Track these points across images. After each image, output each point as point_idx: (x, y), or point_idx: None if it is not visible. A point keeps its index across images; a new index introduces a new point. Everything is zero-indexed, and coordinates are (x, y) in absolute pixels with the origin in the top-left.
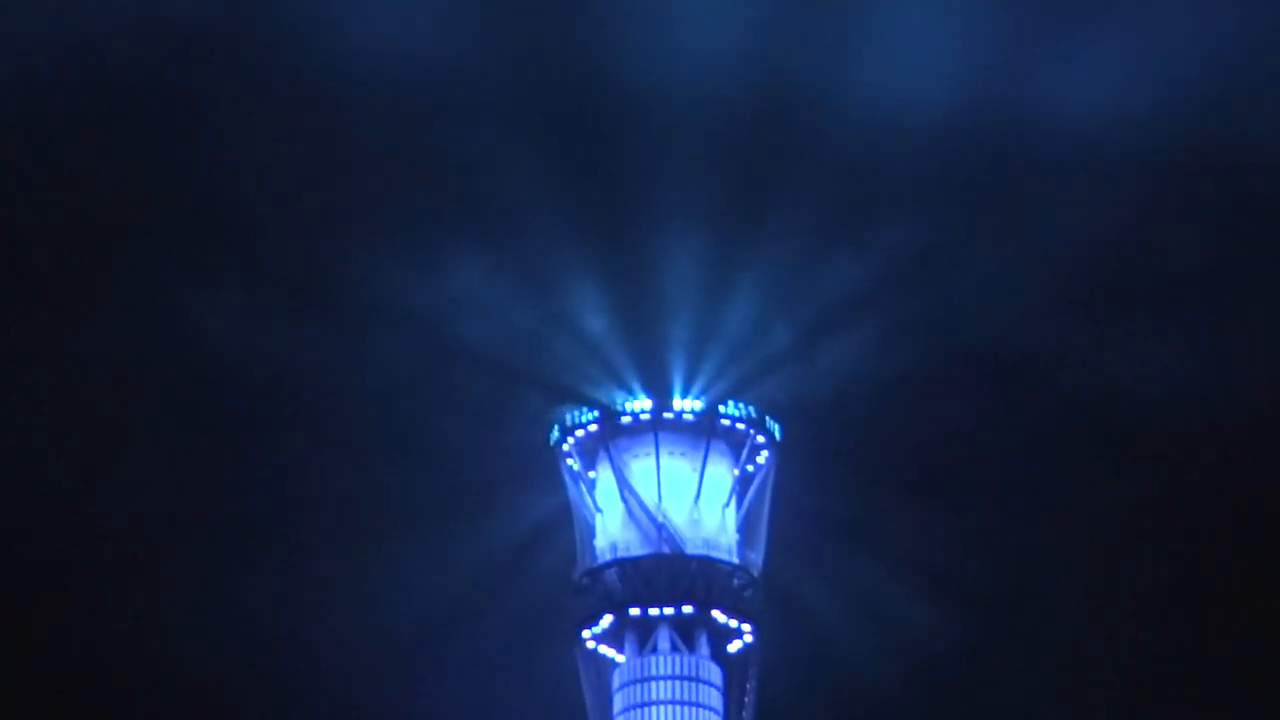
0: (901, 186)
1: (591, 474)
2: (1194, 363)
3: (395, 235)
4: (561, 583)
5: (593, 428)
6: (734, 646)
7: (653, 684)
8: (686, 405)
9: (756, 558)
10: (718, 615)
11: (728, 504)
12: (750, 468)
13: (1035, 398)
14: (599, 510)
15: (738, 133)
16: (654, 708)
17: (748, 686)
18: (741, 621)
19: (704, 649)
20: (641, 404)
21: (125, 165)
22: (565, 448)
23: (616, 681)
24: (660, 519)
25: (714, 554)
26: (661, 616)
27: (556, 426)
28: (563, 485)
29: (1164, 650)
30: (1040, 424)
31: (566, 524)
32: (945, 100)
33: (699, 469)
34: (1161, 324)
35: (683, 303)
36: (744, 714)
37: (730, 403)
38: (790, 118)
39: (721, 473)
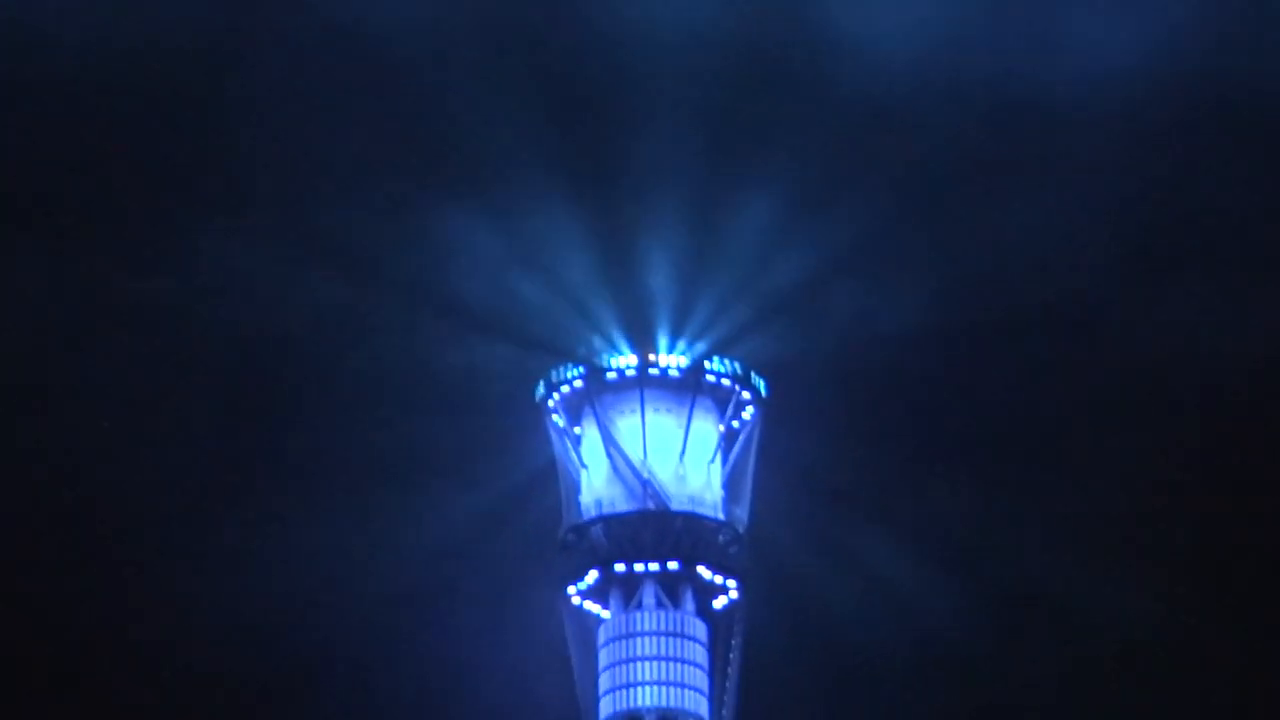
0: (896, 137)
1: (577, 430)
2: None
3: (381, 190)
4: (546, 539)
5: (578, 384)
6: (719, 603)
7: (638, 640)
8: (672, 362)
9: (742, 514)
10: (703, 571)
11: (713, 460)
12: (736, 424)
13: (1035, 354)
14: (584, 466)
15: (726, 85)
16: (639, 663)
17: (733, 643)
18: (727, 578)
19: (689, 605)
20: (627, 360)
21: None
22: (550, 404)
23: (602, 637)
24: (645, 475)
25: (699, 510)
26: (646, 573)
27: (542, 383)
28: (548, 442)
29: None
30: (1040, 381)
31: (551, 480)
32: (945, 47)
33: (684, 425)
34: (1171, 279)
35: (668, 258)
36: (729, 670)
37: (716, 359)
38: (780, 69)
39: (707, 429)
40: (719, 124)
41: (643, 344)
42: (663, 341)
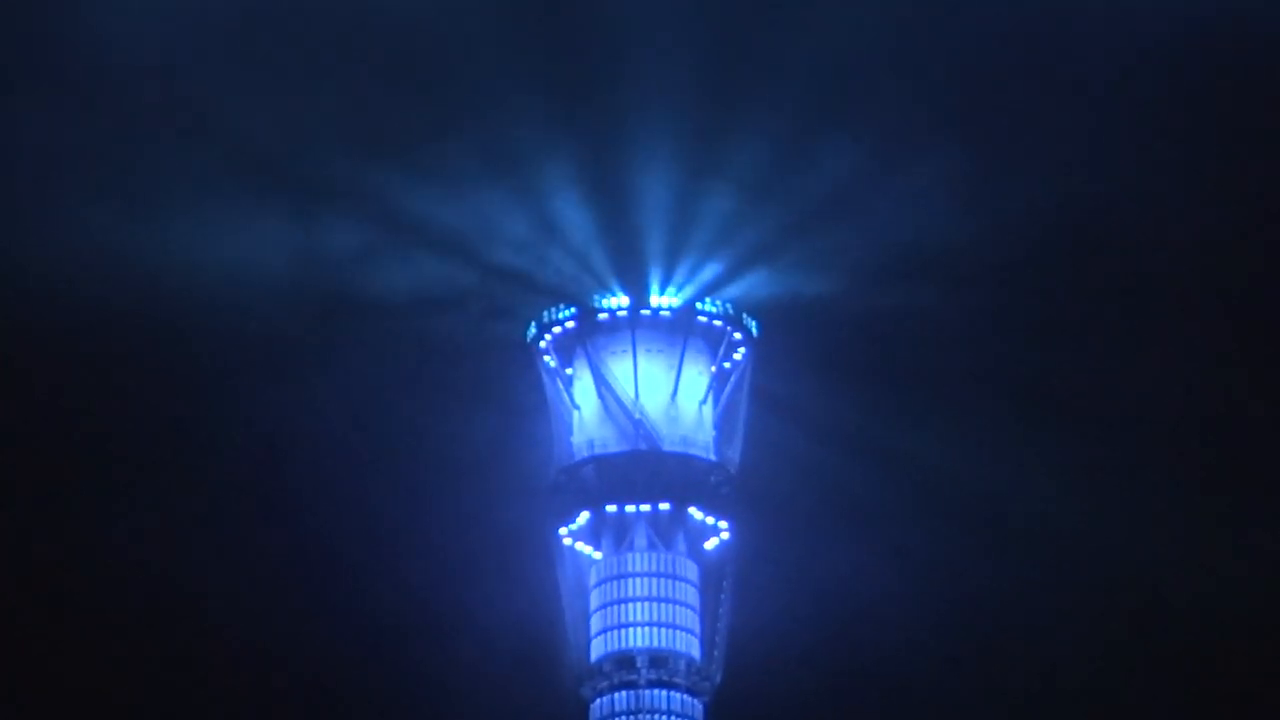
0: (884, 78)
1: (569, 371)
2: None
3: (373, 134)
4: (538, 480)
5: (570, 325)
6: (711, 544)
7: (629, 581)
8: (664, 302)
9: (734, 455)
10: (694, 512)
11: (705, 401)
12: (727, 365)
13: (1020, 291)
14: (576, 407)
15: (715, 26)
16: (631, 604)
17: (724, 584)
18: (718, 519)
19: (681, 546)
20: (619, 301)
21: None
22: (542, 345)
23: (593, 578)
24: (637, 416)
25: (691, 451)
26: (638, 514)
27: (533, 324)
28: (540, 382)
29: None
30: (1032, 319)
31: (543, 421)
32: None
33: (676, 366)
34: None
35: (660, 199)
36: (720, 611)
37: (707, 299)
38: (769, 14)
39: (699, 370)
40: (712, 65)
41: (635, 285)
42: (655, 282)
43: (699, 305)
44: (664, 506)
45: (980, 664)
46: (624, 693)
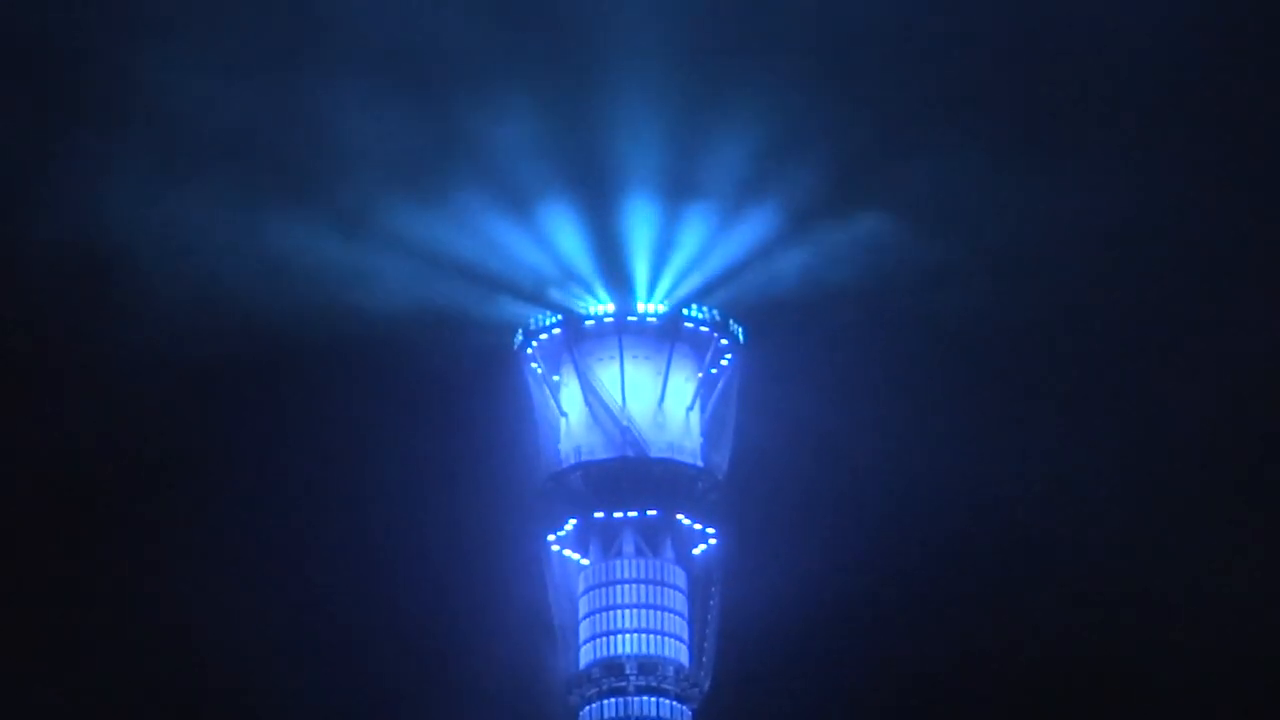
0: (869, 81)
1: (555, 378)
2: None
3: (359, 147)
4: (526, 487)
5: (556, 332)
6: (699, 550)
7: (618, 588)
8: (650, 309)
9: (721, 461)
10: (682, 519)
11: (691, 407)
12: (714, 371)
13: (1016, 291)
14: (563, 414)
15: (702, 31)
16: (619, 611)
17: (712, 590)
18: (706, 525)
19: (669, 552)
20: (605, 308)
21: None
22: (529, 352)
23: (582, 585)
24: (624, 423)
25: (678, 457)
26: (626, 520)
27: (520, 331)
28: (527, 389)
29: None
30: (1013, 320)
31: (531, 428)
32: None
33: (663, 372)
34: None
35: (646, 205)
36: (708, 617)
37: (693, 306)
38: (753, 26)
39: (685, 376)
40: (696, 70)
41: (621, 291)
42: (641, 289)
43: (685, 311)
44: (651, 513)
45: (969, 669)
46: (613, 699)
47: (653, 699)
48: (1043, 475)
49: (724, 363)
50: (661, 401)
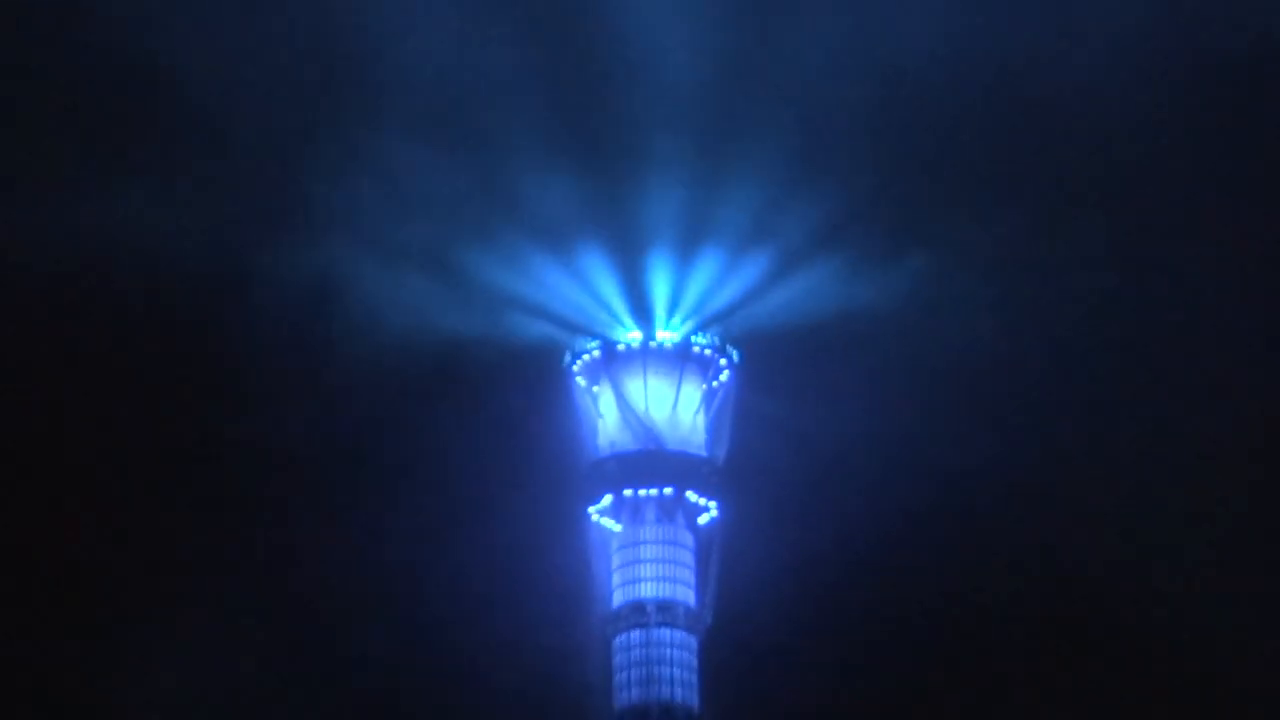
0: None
1: (595, 389)
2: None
3: (422, 196)
4: (572, 472)
5: (596, 354)
6: (703, 519)
7: (641, 547)
8: (667, 336)
9: (721, 452)
10: (691, 496)
11: (698, 412)
12: (715, 384)
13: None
14: (600, 417)
15: (708, 87)
16: (642, 565)
17: (713, 549)
18: (709, 500)
19: (680, 521)
20: (633, 335)
21: None
22: (575, 369)
23: (614, 545)
24: (647, 424)
25: (688, 449)
26: (648, 497)
27: (568, 353)
28: (572, 399)
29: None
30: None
31: (575, 427)
32: (919, 36)
33: (676, 385)
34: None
35: (666, 253)
36: (710, 570)
37: (701, 334)
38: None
39: (694, 388)
40: (706, 131)
41: (645, 321)
42: (660, 319)
43: (694, 339)
44: (668, 491)
45: (945, 615)
46: (638, 631)
47: (668, 631)
48: (1036, 469)
49: (723, 378)
50: (675, 407)
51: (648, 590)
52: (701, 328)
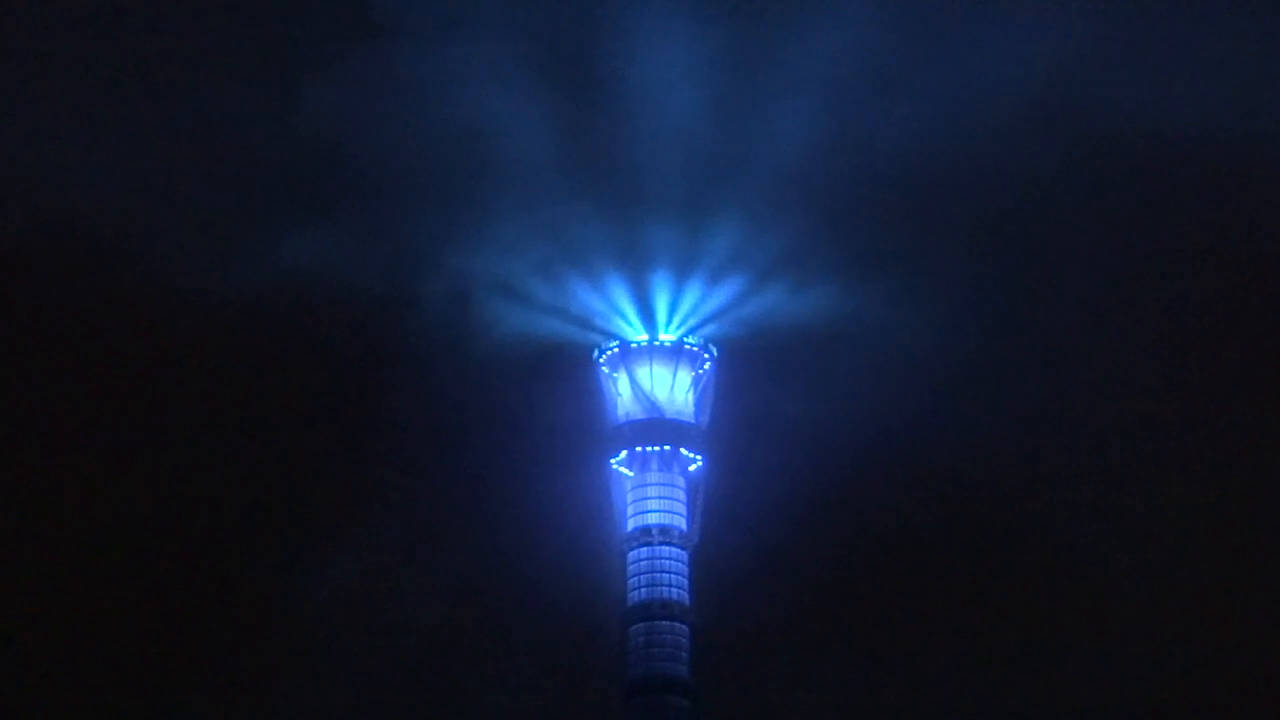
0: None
1: (615, 375)
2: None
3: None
4: (599, 434)
5: (615, 350)
6: (693, 468)
7: (648, 488)
8: (666, 337)
9: (704, 419)
10: (684, 451)
11: (689, 391)
12: (701, 372)
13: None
14: (619, 395)
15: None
16: (649, 500)
17: (699, 489)
18: (696, 454)
19: (676, 469)
20: (642, 337)
21: None
22: (601, 361)
23: (628, 487)
24: (652, 399)
25: (681, 418)
26: (653, 452)
27: (596, 349)
28: (599, 382)
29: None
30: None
31: (602, 402)
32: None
33: (673, 372)
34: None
35: (666, 275)
36: (698, 503)
37: (690, 335)
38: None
39: (686, 374)
40: (703, 175)
41: (650, 324)
42: (661, 322)
43: (686, 339)
44: (667, 448)
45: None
46: (645, 548)
47: (667, 548)
48: (1015, 437)
49: (707, 367)
50: (672, 388)
51: (653, 519)
52: (692, 331)
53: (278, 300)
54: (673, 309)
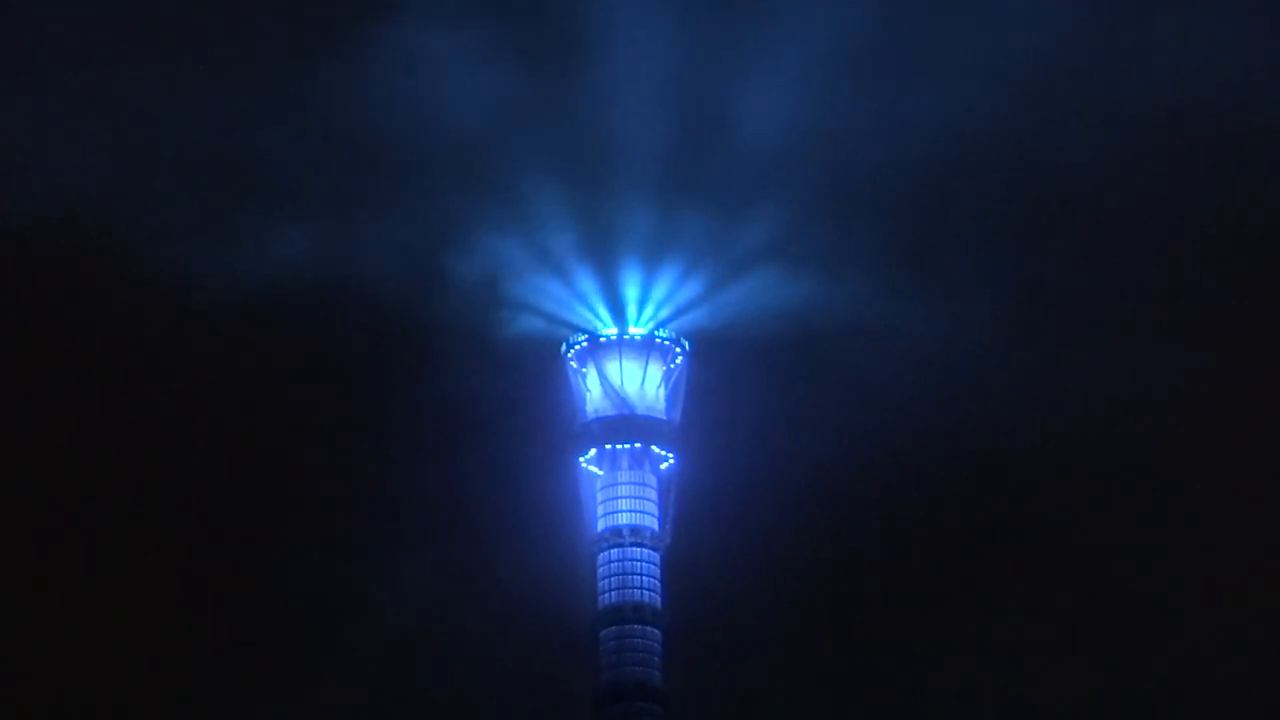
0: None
1: (584, 370)
2: None
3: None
4: (568, 432)
5: (584, 344)
6: (664, 466)
7: (618, 486)
8: (637, 331)
9: (676, 416)
10: (654, 448)
11: (659, 387)
12: (672, 366)
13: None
14: (588, 390)
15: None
16: (619, 499)
17: (671, 488)
18: (668, 452)
19: (648, 467)
20: (611, 330)
21: None
22: (569, 355)
23: (598, 485)
24: (622, 395)
25: (652, 414)
26: (623, 449)
27: (564, 344)
28: (567, 377)
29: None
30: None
31: (570, 398)
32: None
33: (644, 366)
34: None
35: (638, 268)
36: (670, 504)
37: (661, 328)
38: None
39: (657, 369)
40: (670, 177)
41: (620, 318)
42: (631, 316)
43: (657, 333)
44: (638, 445)
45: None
46: (616, 549)
47: (638, 549)
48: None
49: (679, 362)
50: (643, 384)
51: (623, 519)
52: (663, 324)
53: (265, 298)
54: (643, 301)
